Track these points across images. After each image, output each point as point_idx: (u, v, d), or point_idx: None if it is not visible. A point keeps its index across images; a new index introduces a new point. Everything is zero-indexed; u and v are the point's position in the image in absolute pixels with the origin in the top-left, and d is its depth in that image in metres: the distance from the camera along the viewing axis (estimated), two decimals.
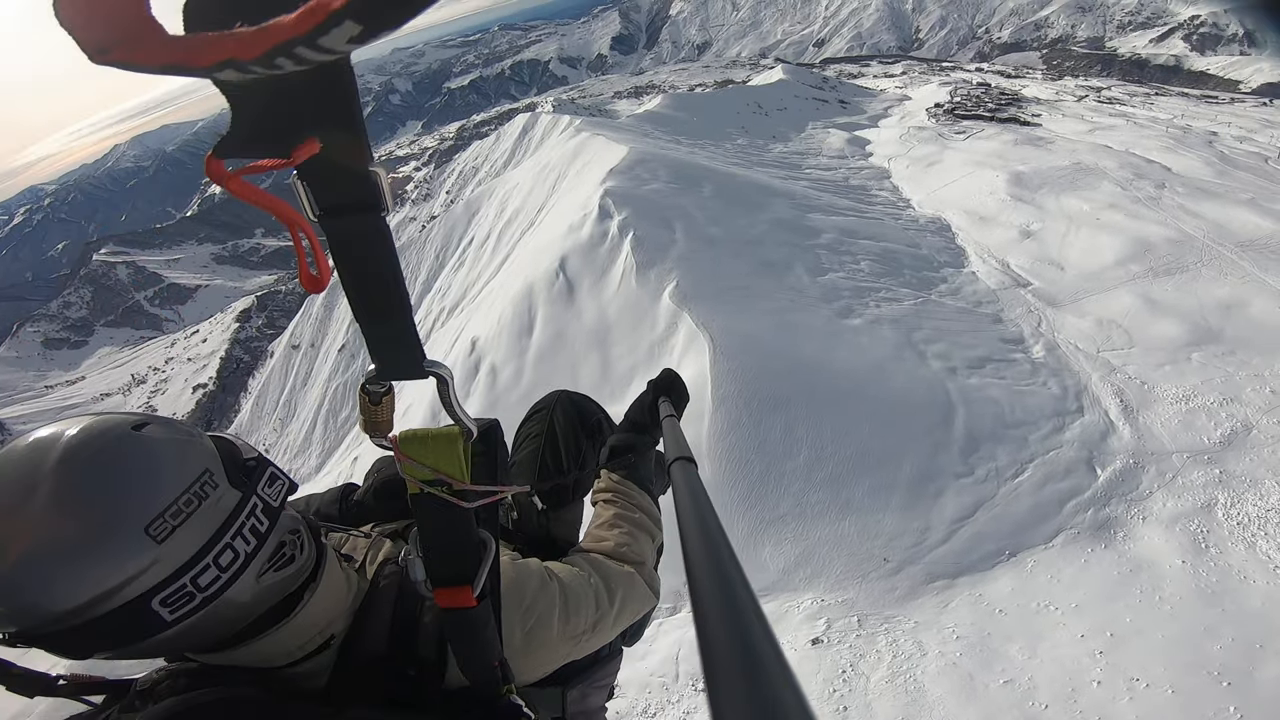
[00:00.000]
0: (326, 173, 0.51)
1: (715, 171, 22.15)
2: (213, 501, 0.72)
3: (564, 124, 39.45)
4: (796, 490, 10.38)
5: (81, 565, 0.64)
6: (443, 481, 0.80)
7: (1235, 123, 43.89)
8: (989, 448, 11.13)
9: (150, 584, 0.67)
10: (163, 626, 0.68)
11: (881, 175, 26.95)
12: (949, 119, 34.69)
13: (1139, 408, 12.39)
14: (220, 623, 0.75)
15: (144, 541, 0.66)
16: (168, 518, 0.68)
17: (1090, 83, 65.33)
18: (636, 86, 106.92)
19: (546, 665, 1.06)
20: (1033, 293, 16.75)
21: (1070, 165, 25.11)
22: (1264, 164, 30.16)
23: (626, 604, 1.17)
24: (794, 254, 16.57)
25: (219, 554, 0.71)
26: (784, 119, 38.55)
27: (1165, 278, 16.74)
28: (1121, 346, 14.59)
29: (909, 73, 70.84)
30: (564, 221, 19.82)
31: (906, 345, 14.16)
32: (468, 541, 0.86)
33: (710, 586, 0.40)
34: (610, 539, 1.26)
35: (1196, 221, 19.58)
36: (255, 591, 0.76)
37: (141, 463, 0.69)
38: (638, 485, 1.38)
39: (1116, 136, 32.69)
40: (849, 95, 47.11)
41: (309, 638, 0.83)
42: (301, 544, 0.84)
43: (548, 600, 1.03)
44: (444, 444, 0.80)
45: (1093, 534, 9.47)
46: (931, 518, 9.86)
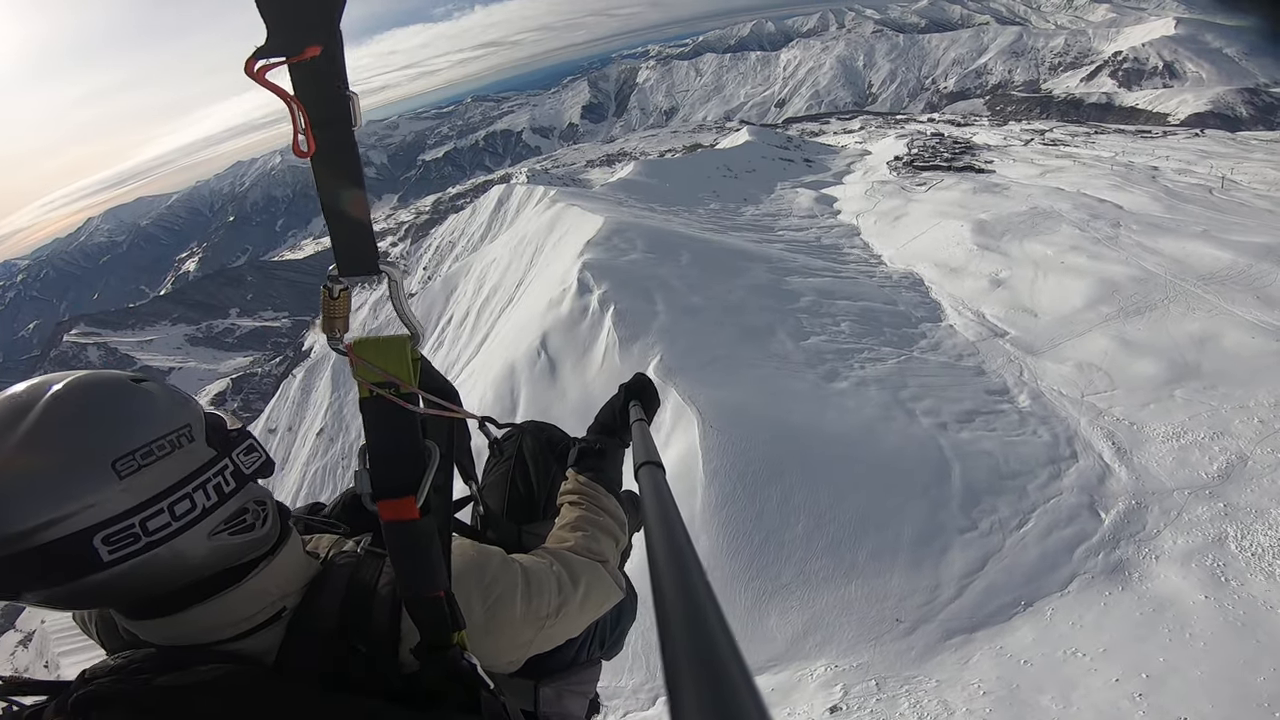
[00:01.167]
0: (316, 94, 0.66)
1: (691, 238, 22.66)
2: (185, 452, 0.75)
3: (539, 195, 40.40)
4: (798, 559, 10.26)
5: (39, 487, 0.66)
6: (391, 384, 0.82)
7: (1173, 155, 46.55)
8: (989, 500, 11.12)
9: (98, 518, 0.67)
10: (98, 566, 0.68)
11: (851, 232, 27.81)
12: (909, 171, 36.27)
13: (1131, 448, 12.48)
14: (158, 576, 0.73)
15: (107, 474, 0.68)
16: (137, 457, 0.70)
17: (1033, 125, 69.29)
18: (608, 154, 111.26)
19: (512, 649, 1.04)
20: (1011, 342, 17.02)
21: (1028, 210, 26.16)
22: (1209, 195, 31.79)
23: (591, 592, 1.16)
24: (775, 319, 16.75)
25: (176, 502, 0.73)
26: (753, 180, 40.02)
27: (1136, 317, 17.16)
28: (1104, 389, 14.78)
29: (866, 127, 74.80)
30: (543, 297, 19.94)
31: (894, 404, 14.19)
32: (412, 448, 0.85)
33: (673, 591, 0.40)
34: (572, 540, 1.25)
35: (1156, 258, 20.31)
36: (205, 549, 0.76)
37: (127, 405, 0.73)
38: (604, 487, 1.38)
39: (1066, 178, 34.36)
40: (813, 153, 49.31)
41: (261, 606, 0.82)
42: (265, 517, 0.84)
43: (509, 579, 1.01)
44: (394, 347, 0.84)
45: (1107, 577, 9.45)
46: (940, 575, 9.77)
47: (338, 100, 0.68)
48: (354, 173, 0.73)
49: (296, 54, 0.62)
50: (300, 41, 0.62)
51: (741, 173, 41.66)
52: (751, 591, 9.87)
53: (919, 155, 39.30)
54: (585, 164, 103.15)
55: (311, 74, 0.65)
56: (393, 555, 0.86)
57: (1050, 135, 54.97)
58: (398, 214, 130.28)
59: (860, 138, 60.38)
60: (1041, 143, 50.69)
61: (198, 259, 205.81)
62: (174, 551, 0.73)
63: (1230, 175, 36.40)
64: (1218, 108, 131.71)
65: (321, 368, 42.32)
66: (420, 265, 58.04)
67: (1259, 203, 29.84)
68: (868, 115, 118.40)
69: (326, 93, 0.67)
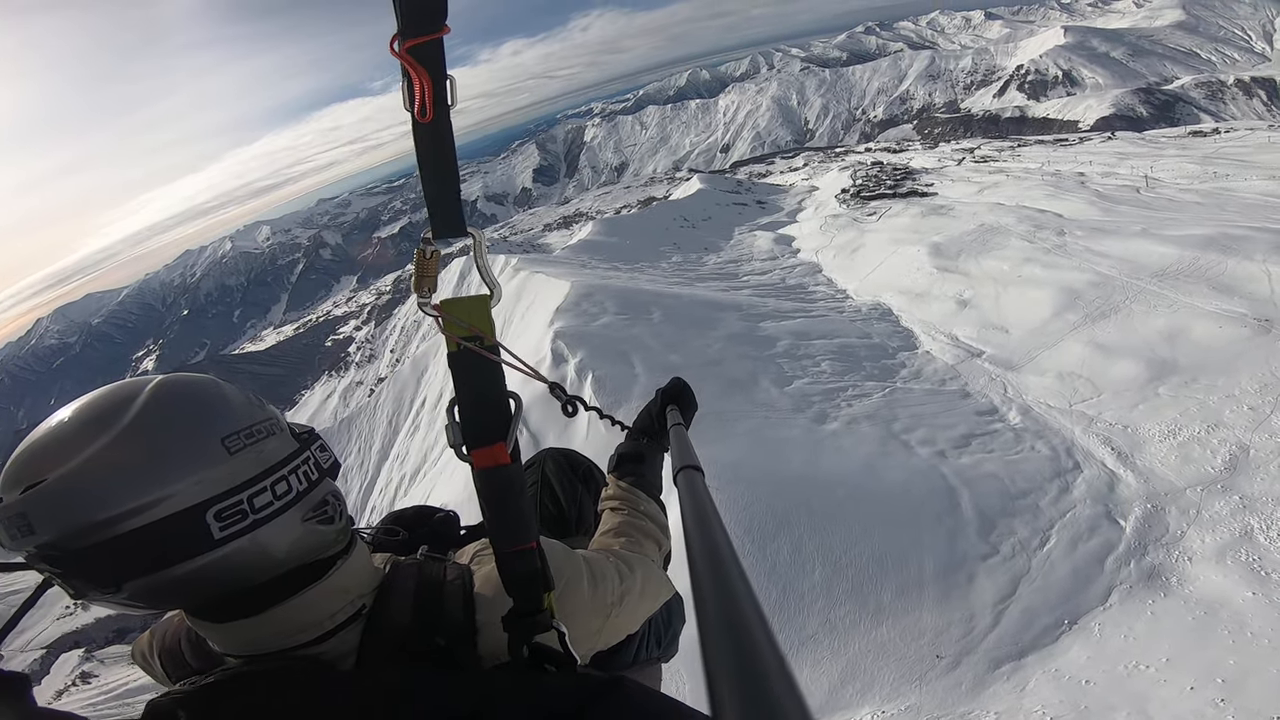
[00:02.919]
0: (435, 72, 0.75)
1: (660, 294, 22.69)
2: (278, 439, 0.79)
3: (500, 264, 40.47)
4: (820, 607, 9.96)
5: (155, 463, 0.68)
6: (477, 336, 0.86)
7: (1094, 160, 49.55)
8: (1005, 523, 10.98)
9: (211, 492, 0.70)
10: (210, 545, 0.69)
11: (813, 270, 28.35)
12: (858, 202, 37.58)
13: (1131, 451, 12.58)
14: (255, 562, 0.74)
15: (218, 450, 0.72)
16: (242, 436, 0.74)
17: (962, 145, 73.25)
18: (564, 216, 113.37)
19: (584, 638, 1.02)
20: (988, 360, 17.19)
21: (977, 227, 27.15)
22: (1137, 194, 33.64)
23: (647, 584, 1.18)
24: (756, 367, 16.62)
25: (276, 482, 0.75)
26: (711, 229, 40.94)
27: (1103, 321, 17.60)
28: (1090, 396, 14.95)
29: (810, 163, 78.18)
30: (517, 372, 19.50)
31: (889, 439, 14.06)
32: (500, 396, 0.88)
33: (713, 592, 0.41)
34: (617, 545, 1.26)
35: (1107, 261, 21.08)
36: (300, 532, 0.78)
37: (224, 396, 0.78)
38: (645, 492, 1.38)
39: (1004, 192, 36.04)
40: (764, 194, 51.00)
41: (342, 604, 0.82)
42: (342, 511, 0.85)
43: (574, 567, 1.02)
44: (477, 305, 0.88)
45: (1146, 584, 9.37)
46: (973, 604, 9.56)
47: (445, 79, 0.77)
48: (451, 146, 0.82)
49: (433, 32, 0.73)
50: (434, 22, 0.73)
51: (698, 221, 42.65)
52: None
53: (864, 185, 40.89)
54: (543, 228, 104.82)
55: (434, 53, 0.74)
56: (486, 504, 0.87)
57: (979, 152, 58.11)
58: (359, 296, 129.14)
59: (805, 174, 62.94)
60: (972, 160, 53.47)
61: (155, 356, 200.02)
62: (275, 531, 0.74)
63: (1151, 173, 38.73)
64: (1120, 110, 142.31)
65: None
66: (387, 348, 57.22)
67: (1185, 196, 31.65)
68: (809, 151, 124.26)
69: (441, 71, 0.76)
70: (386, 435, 35.59)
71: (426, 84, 0.75)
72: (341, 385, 68.99)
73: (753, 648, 0.33)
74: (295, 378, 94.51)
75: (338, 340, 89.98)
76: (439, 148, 0.81)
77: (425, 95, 0.75)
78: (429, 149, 0.80)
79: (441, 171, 0.82)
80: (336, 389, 69.51)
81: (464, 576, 0.91)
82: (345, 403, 62.41)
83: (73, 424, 0.70)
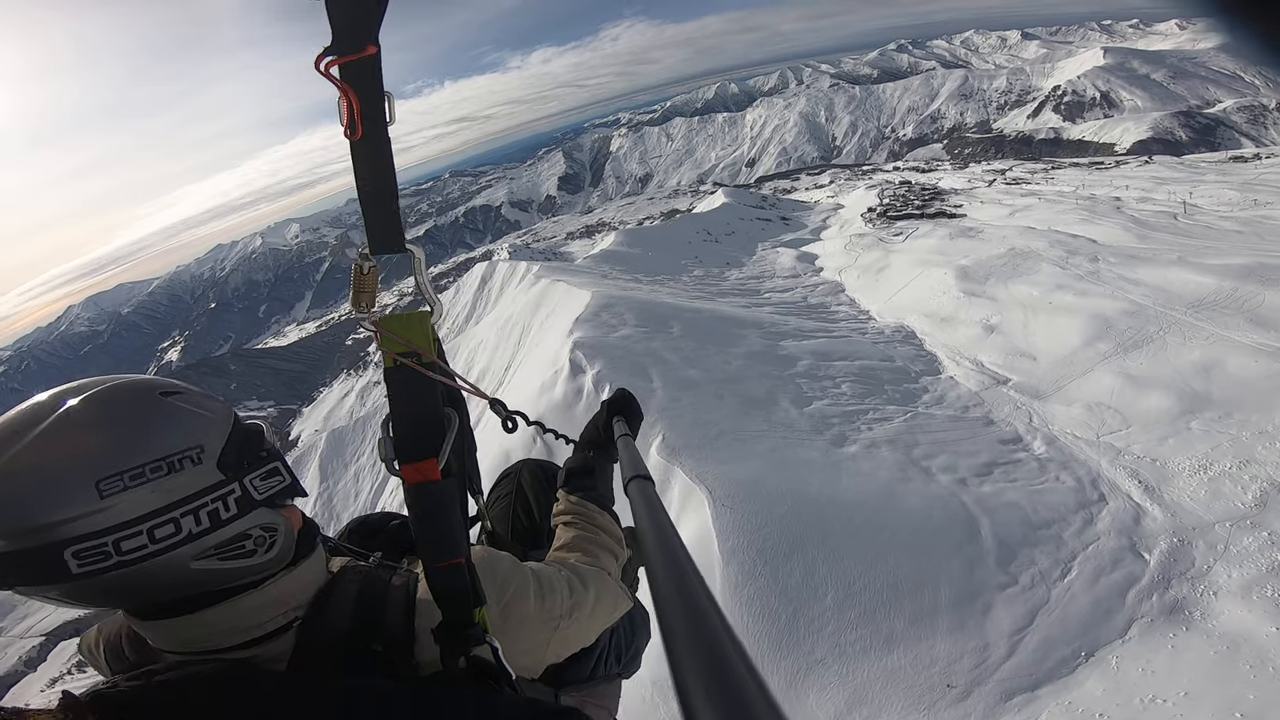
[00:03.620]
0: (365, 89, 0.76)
1: (681, 308, 22.64)
2: (185, 475, 0.74)
3: (522, 271, 40.81)
4: (831, 632, 9.84)
5: (21, 495, 0.67)
6: (414, 354, 0.87)
7: (1130, 184, 48.45)
8: (1026, 553, 10.81)
9: (71, 534, 0.68)
10: (66, 577, 0.68)
11: (836, 289, 28.07)
12: (884, 222, 37.22)
13: (1159, 485, 12.29)
14: (136, 588, 0.73)
15: (89, 493, 0.68)
16: (125, 478, 0.70)
17: (993, 166, 72.25)
18: (588, 225, 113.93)
19: (530, 649, 1.02)
20: (1014, 388, 16.81)
21: (1007, 251, 26.65)
22: (1175, 221, 32.76)
23: (602, 597, 1.16)
24: (775, 386, 16.46)
25: (157, 526, 0.71)
26: (734, 243, 40.85)
27: (1135, 351, 17.12)
28: (1118, 428, 14.58)
29: (836, 180, 77.73)
30: (535, 380, 19.58)
31: (909, 464, 13.83)
32: (434, 413, 0.89)
33: (674, 596, 0.41)
34: (571, 560, 1.24)
35: (1141, 289, 20.54)
36: (186, 573, 0.74)
37: (136, 421, 0.73)
38: (597, 505, 1.37)
39: (1035, 215, 35.37)
40: (788, 210, 50.79)
41: (277, 613, 0.81)
42: (272, 544, 0.82)
43: (521, 578, 1.02)
44: (416, 322, 0.90)
45: (1168, 618, 9.27)
46: (988, 633, 9.44)
47: (379, 96, 0.77)
48: (388, 162, 0.81)
49: (359, 51, 0.73)
50: (360, 42, 0.73)
51: (721, 236, 42.59)
52: (784, 670, 9.40)
53: (891, 205, 40.54)
54: (565, 236, 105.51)
55: (364, 71, 0.75)
56: (415, 519, 0.87)
57: (1011, 174, 57.25)
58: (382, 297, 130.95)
59: (831, 191, 62.57)
60: (1004, 182, 52.69)
61: (180, 348, 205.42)
62: (146, 573, 0.71)
63: (1190, 199, 37.74)
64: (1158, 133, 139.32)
65: (309, 458, 41.07)
66: None
67: (1224, 224, 30.75)
68: (835, 168, 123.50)
69: (373, 89, 0.76)
70: None
71: (354, 102, 0.76)
72: (359, 384, 69.98)
73: (717, 648, 0.33)
74: (315, 374, 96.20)
75: (358, 339, 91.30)
76: (374, 165, 0.81)
77: (355, 113, 0.76)
78: (363, 166, 0.81)
79: (378, 188, 0.83)
80: (354, 387, 70.52)
81: (409, 584, 0.90)
82: (362, 401, 63.22)
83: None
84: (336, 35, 0.72)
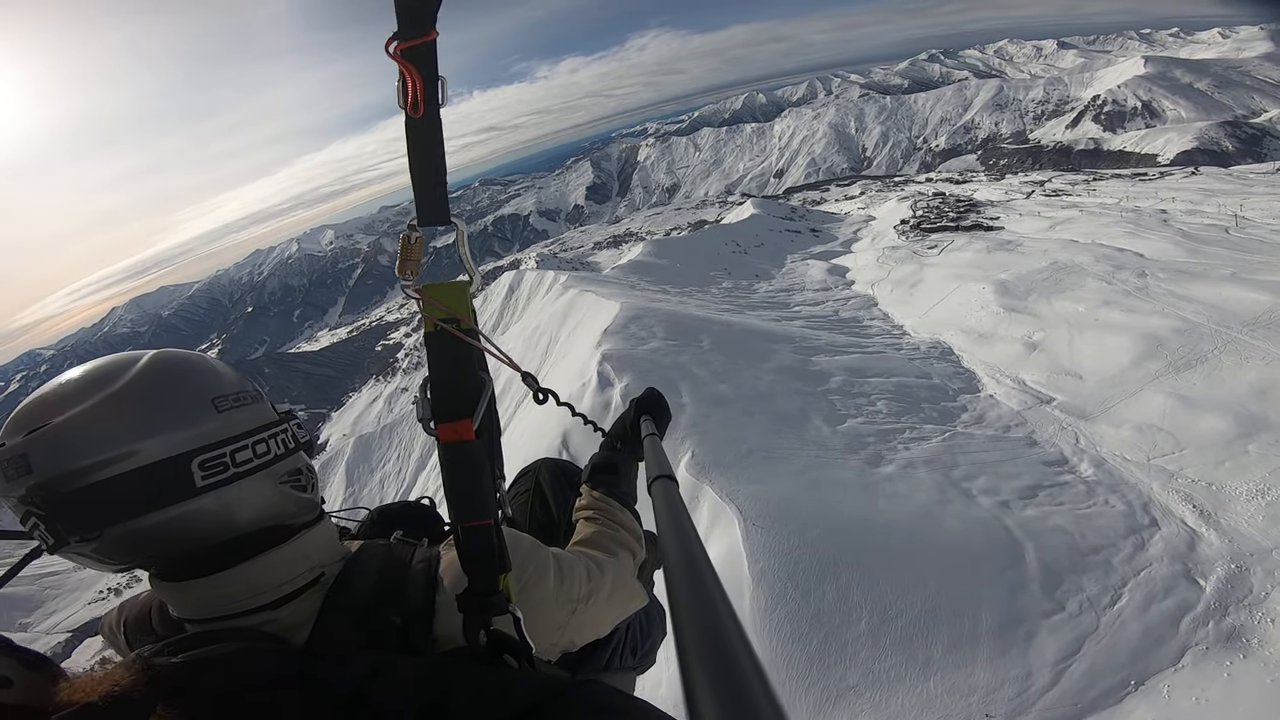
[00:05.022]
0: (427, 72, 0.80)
1: (710, 321, 22.41)
2: (260, 407, 0.86)
3: (549, 281, 40.97)
4: (864, 658, 9.42)
5: (150, 411, 0.75)
6: (454, 319, 0.91)
7: (1177, 196, 46.71)
8: (1073, 579, 10.39)
9: (199, 443, 0.76)
10: (191, 492, 0.74)
11: (869, 303, 27.50)
12: (917, 234, 36.50)
13: (1215, 510, 11.80)
14: (227, 519, 0.78)
15: (208, 408, 0.79)
16: (230, 399, 0.81)
17: (1031, 177, 70.46)
18: (615, 235, 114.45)
19: (547, 630, 1.03)
20: (1059, 408, 16.18)
21: (1048, 266, 25.83)
22: (1226, 235, 31.39)
23: (618, 587, 1.18)
24: (808, 403, 16.12)
25: (257, 443, 0.82)
26: (763, 255, 40.46)
27: (1188, 371, 16.39)
28: (1171, 451, 13.97)
29: (866, 192, 76.68)
30: (563, 392, 18.88)
31: (948, 486, 13.38)
32: (471, 376, 0.92)
33: (690, 598, 0.42)
34: (590, 552, 1.22)
35: (1193, 306, 19.67)
36: (271, 494, 0.83)
37: (214, 368, 0.85)
38: (619, 502, 1.38)
39: (1077, 228, 34.27)
40: (818, 222, 50.16)
41: (303, 569, 0.84)
42: (314, 484, 0.93)
43: (541, 558, 1.03)
44: (457, 290, 0.95)
45: (1224, 646, 8.92)
46: (1030, 662, 9.03)
47: (436, 79, 0.82)
48: (439, 140, 0.86)
49: (423, 36, 0.78)
50: (424, 28, 0.78)
51: (750, 247, 42.22)
52: (813, 697, 9.07)
53: (925, 217, 39.75)
54: (593, 246, 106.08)
55: (425, 55, 0.79)
56: (448, 478, 0.88)
57: (1050, 186, 55.73)
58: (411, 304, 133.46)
59: (862, 203, 61.69)
60: (1043, 194, 51.30)
61: (217, 350, 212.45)
62: (251, 487, 0.80)
63: (1241, 212, 36.20)
64: (1203, 143, 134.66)
65: (336, 463, 41.70)
66: None
67: (1278, 238, 29.37)
68: (866, 179, 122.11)
69: (432, 71, 0.81)
70: (426, 444, 36.25)
71: (418, 83, 0.81)
72: (387, 390, 71.19)
73: (731, 653, 0.33)
74: (344, 379, 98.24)
75: (387, 345, 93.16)
76: (429, 142, 0.86)
77: (417, 93, 0.81)
78: (419, 143, 0.85)
79: (429, 165, 0.87)
80: (382, 394, 71.73)
81: (430, 560, 0.92)
82: (390, 408, 64.25)
83: (76, 380, 0.76)
84: (402, 22, 0.78)
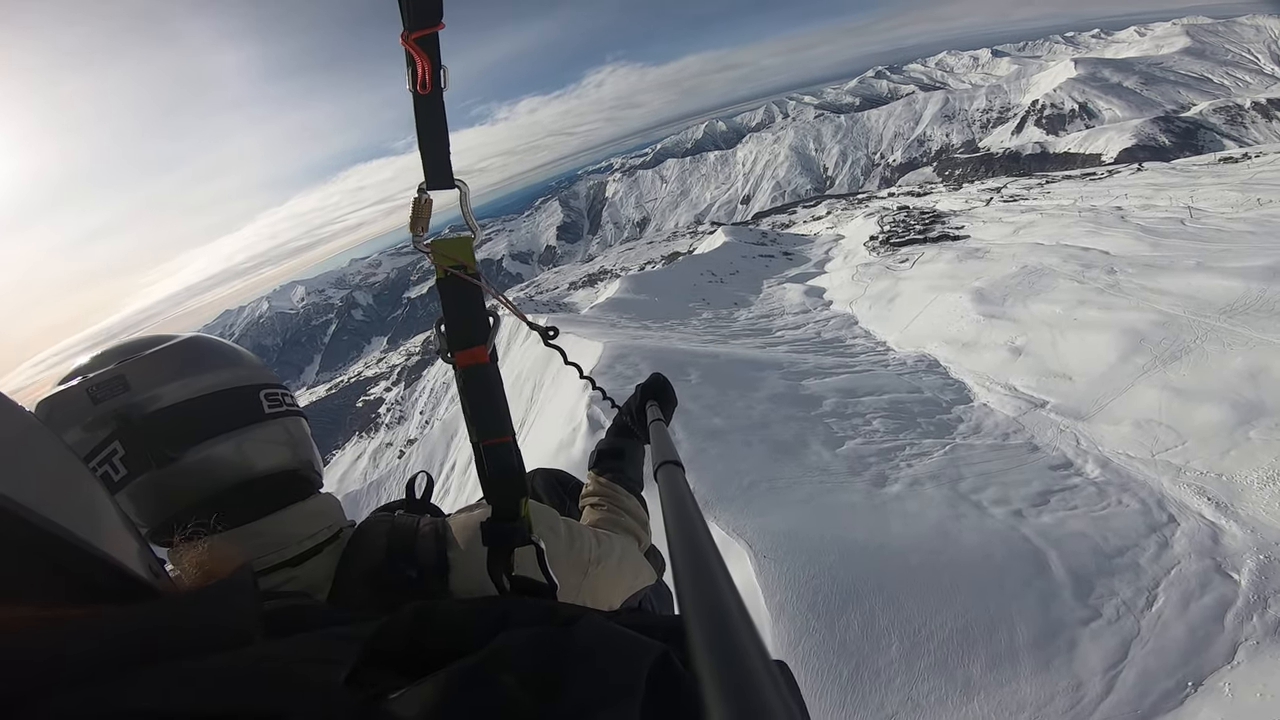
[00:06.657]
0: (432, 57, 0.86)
1: (695, 354, 22.18)
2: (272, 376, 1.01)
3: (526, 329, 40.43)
4: (900, 685, 9.09)
5: (220, 352, 0.92)
6: (462, 265, 0.97)
7: (1129, 193, 48.40)
8: (1104, 583, 10.19)
9: (258, 380, 0.93)
10: (260, 416, 0.90)
11: (849, 322, 27.56)
12: (888, 249, 37.11)
13: (1231, 501, 11.63)
14: (283, 453, 0.92)
15: (255, 360, 0.97)
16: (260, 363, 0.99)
17: (987, 184, 72.67)
18: (589, 274, 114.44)
19: (561, 591, 1.03)
20: (1054, 411, 16.08)
21: (1019, 270, 26.26)
22: (1183, 226, 32.40)
23: (625, 558, 1.18)
24: (804, 429, 15.81)
25: (286, 394, 0.98)
26: (739, 282, 40.64)
27: (1175, 363, 16.48)
28: (1173, 444, 13.87)
29: (833, 211, 78.21)
30: (552, 438, 18.99)
31: (958, 499, 13.06)
32: (480, 311, 0.98)
33: (696, 586, 0.42)
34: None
35: (1167, 299, 20.00)
36: (306, 438, 0.98)
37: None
38: (625, 488, 1.39)
39: (1040, 231, 35.14)
40: (789, 245, 50.85)
41: (320, 527, 0.89)
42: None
43: (550, 516, 1.04)
44: (462, 243, 1.01)
45: (1274, 639, 8.63)
46: (1078, 671, 8.71)
47: (439, 66, 0.88)
48: (443, 114, 0.93)
49: (433, 26, 0.85)
50: (434, 19, 0.84)
51: (726, 275, 42.44)
52: None
53: (893, 231, 40.53)
54: (568, 286, 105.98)
55: (432, 43, 0.86)
56: (467, 400, 0.91)
57: (1006, 191, 57.48)
58: (388, 357, 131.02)
59: (830, 222, 62.80)
60: (1001, 200, 52.88)
61: None
62: (294, 426, 0.96)
63: (1193, 203, 37.54)
64: (1142, 140, 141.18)
65: None
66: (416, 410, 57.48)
67: (1234, 226, 30.35)
68: (831, 199, 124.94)
69: (437, 58, 0.88)
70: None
71: (427, 66, 0.87)
72: (371, 446, 69.29)
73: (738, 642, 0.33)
74: (326, 439, 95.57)
75: (368, 401, 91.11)
76: (434, 116, 0.91)
77: (426, 75, 0.86)
78: (427, 118, 0.91)
79: (435, 135, 0.93)
80: (366, 450, 69.80)
81: (437, 524, 0.93)
82: (375, 464, 62.47)
83: (144, 338, 0.89)
84: (415, 15, 0.82)
